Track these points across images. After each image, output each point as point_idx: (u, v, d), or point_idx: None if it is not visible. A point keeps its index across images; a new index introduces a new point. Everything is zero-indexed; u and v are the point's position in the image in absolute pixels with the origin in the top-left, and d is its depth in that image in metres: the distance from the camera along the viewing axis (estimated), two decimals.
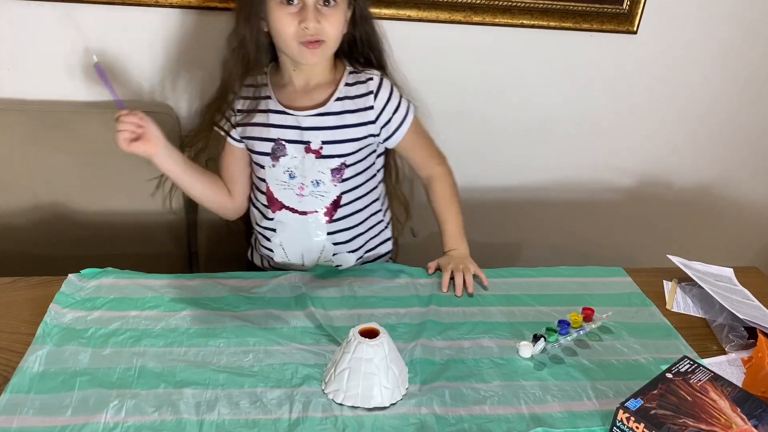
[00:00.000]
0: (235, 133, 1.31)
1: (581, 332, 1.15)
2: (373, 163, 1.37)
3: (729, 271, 1.39)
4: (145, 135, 1.17)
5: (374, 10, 1.56)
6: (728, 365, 1.12)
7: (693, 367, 1.01)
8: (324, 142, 1.27)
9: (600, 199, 1.96)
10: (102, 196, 1.52)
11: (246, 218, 1.44)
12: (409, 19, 1.60)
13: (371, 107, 1.29)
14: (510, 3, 1.64)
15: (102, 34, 1.51)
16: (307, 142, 1.27)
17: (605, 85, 1.81)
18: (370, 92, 1.29)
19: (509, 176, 1.88)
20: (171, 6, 1.50)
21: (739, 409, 0.93)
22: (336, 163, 1.29)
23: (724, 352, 1.15)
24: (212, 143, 1.35)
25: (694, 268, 1.34)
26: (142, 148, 1.18)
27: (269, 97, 1.28)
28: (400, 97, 1.33)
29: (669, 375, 0.99)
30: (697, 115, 1.90)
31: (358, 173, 1.33)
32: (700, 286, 1.29)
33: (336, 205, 1.32)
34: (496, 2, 1.63)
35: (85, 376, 0.98)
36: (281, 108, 1.28)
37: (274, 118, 1.28)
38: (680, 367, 1.01)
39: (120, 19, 1.50)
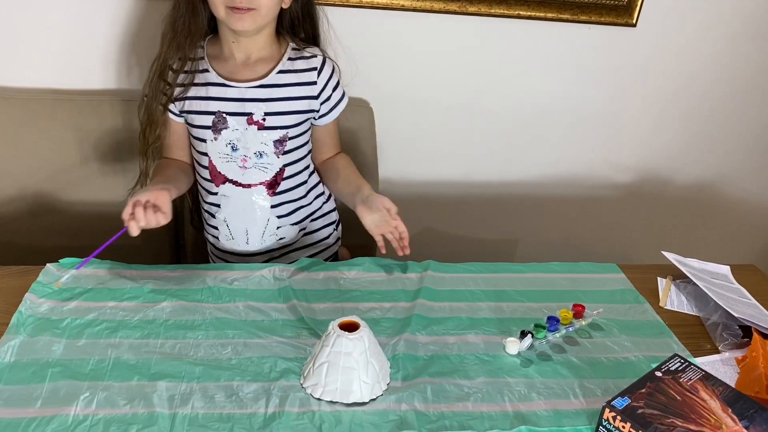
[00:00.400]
0: (175, 107, 1.30)
1: (570, 329, 1.12)
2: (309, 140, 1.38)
3: (725, 269, 1.35)
4: (157, 203, 1.13)
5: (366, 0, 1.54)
6: (722, 364, 1.09)
7: (683, 365, 0.98)
8: (266, 114, 1.27)
9: (597, 195, 1.92)
10: (87, 186, 1.50)
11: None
12: (403, 8, 1.57)
13: (314, 83, 1.31)
14: None
15: (91, 20, 1.49)
16: (249, 114, 1.27)
17: (603, 79, 1.77)
18: (314, 68, 1.31)
19: (504, 171, 1.85)
20: None
21: (730, 410, 0.90)
22: (279, 134, 1.29)
23: (717, 351, 1.12)
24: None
25: (690, 265, 1.31)
26: (164, 218, 1.13)
27: (207, 71, 1.27)
28: (339, 78, 1.35)
29: (658, 373, 0.96)
30: (697, 110, 1.86)
31: (299, 146, 1.34)
32: (695, 284, 1.25)
33: (279, 177, 1.32)
34: None
35: (57, 367, 0.95)
36: (221, 80, 1.27)
37: (214, 91, 1.27)
38: (670, 366, 0.97)
39: (114, 6, 1.47)
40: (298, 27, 1.34)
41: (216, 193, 1.33)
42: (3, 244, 1.49)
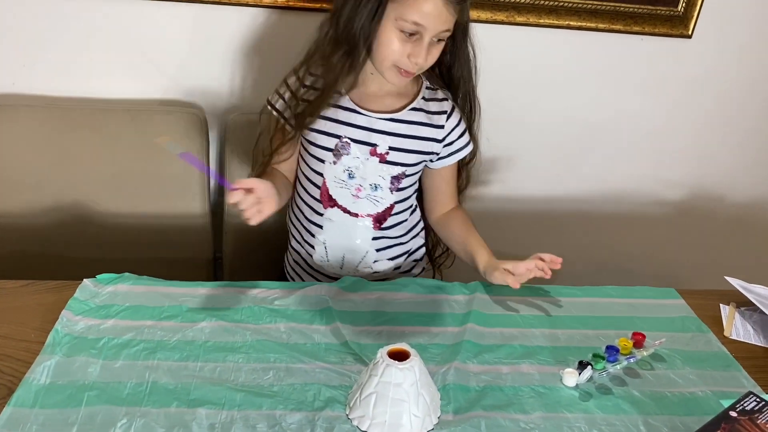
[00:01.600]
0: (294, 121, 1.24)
1: (631, 360, 1.05)
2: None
3: None
4: (264, 199, 1.08)
5: None
6: None
7: (760, 404, 0.90)
8: (391, 148, 1.24)
9: (647, 212, 1.85)
10: (125, 198, 1.47)
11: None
12: None
13: (442, 126, 1.27)
14: (556, 3, 1.55)
15: (128, 29, 1.46)
16: (374, 145, 1.23)
17: (655, 92, 1.70)
18: (444, 112, 1.27)
19: (550, 186, 1.79)
20: (201, 2, 1.44)
21: None
22: (398, 170, 1.26)
23: None
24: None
25: (755, 292, 1.23)
26: (268, 210, 1.08)
27: (339, 93, 1.22)
28: (465, 127, 1.31)
29: (733, 413, 0.89)
30: (752, 124, 1.78)
31: (410, 185, 1.31)
32: (761, 312, 1.18)
33: (387, 212, 1.29)
34: (542, 2, 1.54)
35: (93, 390, 0.91)
36: (353, 106, 1.22)
37: (343, 115, 1.22)
38: (745, 405, 0.90)
39: (149, 14, 1.45)
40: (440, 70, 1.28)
41: (321, 214, 1.29)
42: (39, 255, 1.46)
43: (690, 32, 1.63)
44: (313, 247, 1.32)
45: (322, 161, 1.25)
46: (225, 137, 1.52)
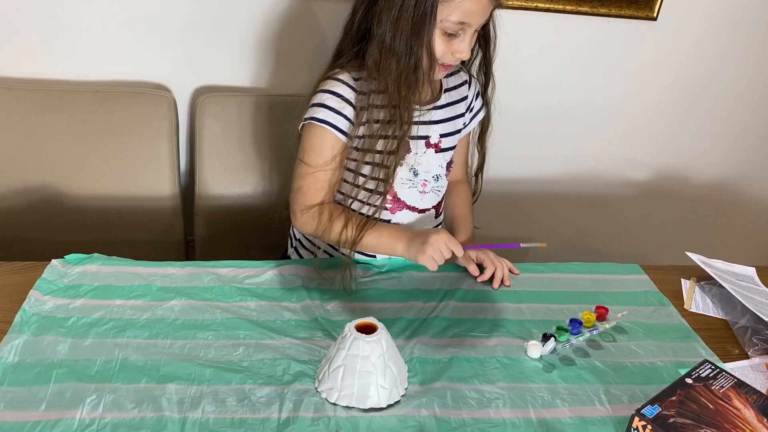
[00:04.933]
0: (351, 130, 1.15)
1: (594, 332, 1.07)
2: None
3: (751, 270, 1.31)
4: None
5: None
6: (751, 370, 1.05)
7: (714, 372, 0.94)
8: (441, 136, 1.23)
9: (614, 193, 1.88)
10: (94, 180, 1.46)
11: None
12: None
13: (466, 97, 1.28)
14: None
15: (95, 10, 1.45)
16: (426, 137, 1.21)
17: (621, 74, 1.73)
18: (465, 82, 1.28)
19: (519, 168, 1.81)
20: None
21: (765, 419, 0.86)
22: (449, 155, 1.26)
23: (746, 357, 1.07)
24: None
25: (715, 267, 1.27)
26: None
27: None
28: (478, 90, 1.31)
29: (689, 380, 0.92)
30: (718, 106, 1.81)
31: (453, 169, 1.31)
32: (719, 286, 1.21)
33: (443, 199, 1.30)
34: None
35: (62, 368, 0.91)
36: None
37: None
38: (701, 372, 0.93)
39: None
40: None
41: (388, 221, 1.24)
42: (6, 238, 1.45)
43: (655, 14, 1.65)
44: (374, 256, 1.25)
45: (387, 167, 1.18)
46: (194, 118, 1.51)
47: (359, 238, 1.14)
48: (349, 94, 1.14)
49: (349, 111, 1.13)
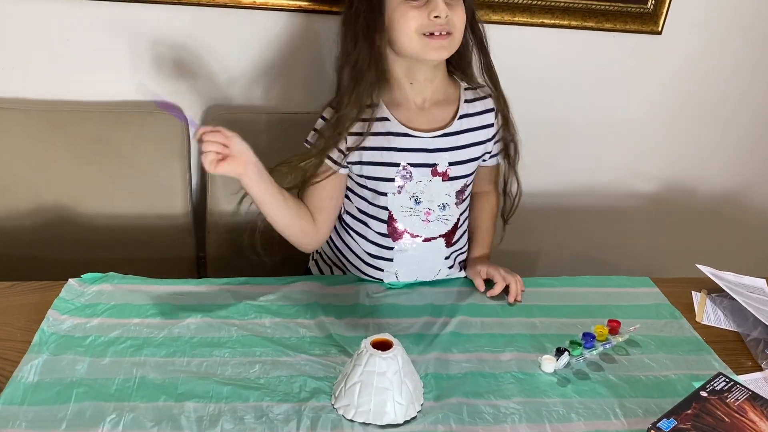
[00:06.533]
0: (341, 157, 1.18)
1: (607, 346, 1.08)
2: None
3: (762, 282, 1.31)
4: (232, 154, 1.04)
5: None
6: (765, 383, 1.05)
7: (729, 384, 0.94)
8: (451, 164, 1.20)
9: (622, 205, 1.89)
10: (107, 198, 1.48)
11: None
12: None
13: (491, 125, 1.25)
14: (530, 1, 1.58)
15: (106, 31, 1.47)
16: (434, 165, 1.19)
17: (628, 88, 1.74)
18: (491, 109, 1.25)
19: (527, 181, 1.79)
20: (191, 4, 1.45)
21: None
22: (461, 184, 1.23)
23: (759, 369, 1.08)
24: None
25: (726, 279, 1.27)
26: (231, 168, 1.04)
27: (386, 119, 1.17)
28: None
29: (703, 393, 0.92)
30: (723, 118, 1.82)
31: (469, 193, 1.28)
32: (731, 298, 1.22)
33: (455, 227, 1.26)
34: (516, 0, 1.57)
35: (81, 387, 0.93)
36: (404, 130, 1.17)
37: (398, 141, 1.17)
38: (715, 385, 0.94)
39: (125, 16, 1.45)
40: (463, 59, 1.22)
41: (391, 248, 1.23)
42: (23, 257, 1.47)
43: (660, 29, 1.67)
44: (381, 280, 1.25)
45: (384, 194, 1.19)
46: None
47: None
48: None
49: None
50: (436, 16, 1.06)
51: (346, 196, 1.25)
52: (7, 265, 1.45)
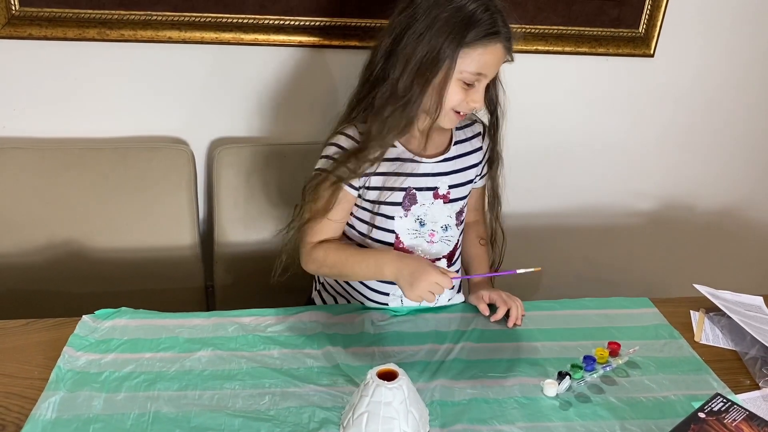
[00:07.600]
0: (355, 182, 1.22)
1: (608, 368, 1.11)
2: None
3: (759, 300, 1.34)
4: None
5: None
6: (763, 401, 1.07)
7: (726, 405, 0.97)
8: (450, 187, 1.27)
9: (620, 224, 1.92)
10: (117, 232, 1.51)
11: None
12: None
13: (480, 148, 1.33)
14: (524, 29, 1.62)
15: (113, 71, 1.51)
16: (435, 188, 1.26)
17: (622, 110, 1.78)
18: (479, 134, 1.33)
19: (526, 203, 1.85)
20: (197, 42, 1.50)
21: None
22: (459, 206, 1.30)
23: (757, 387, 1.10)
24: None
25: (723, 298, 1.30)
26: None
27: (394, 145, 1.22)
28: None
29: (701, 414, 0.95)
30: (719, 136, 1.86)
31: (465, 215, 1.34)
32: (728, 317, 1.24)
33: (455, 248, 1.32)
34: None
35: (98, 423, 0.96)
36: (411, 156, 1.24)
37: (406, 167, 1.23)
38: (713, 406, 0.96)
39: (132, 56, 1.50)
40: None
41: None
42: (35, 292, 1.50)
43: (652, 52, 1.71)
44: (386, 304, 1.29)
45: (392, 217, 1.25)
46: (212, 169, 1.57)
47: (345, 268, 1.22)
48: (351, 146, 1.21)
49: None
50: (474, 105, 1.16)
51: (347, 222, 1.29)
52: (20, 299, 1.49)
